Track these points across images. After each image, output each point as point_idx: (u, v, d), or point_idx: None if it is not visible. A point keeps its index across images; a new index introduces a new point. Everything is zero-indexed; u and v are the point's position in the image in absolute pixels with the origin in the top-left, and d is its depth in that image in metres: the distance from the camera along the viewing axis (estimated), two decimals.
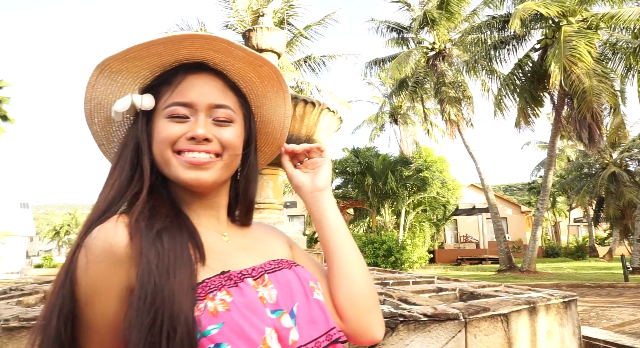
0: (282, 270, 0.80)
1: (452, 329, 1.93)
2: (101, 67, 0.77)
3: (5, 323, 1.80)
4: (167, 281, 0.64)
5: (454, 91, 18.19)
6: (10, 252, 33.08)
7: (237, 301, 0.68)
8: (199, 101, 0.78)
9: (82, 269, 0.65)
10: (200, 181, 0.77)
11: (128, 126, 0.85)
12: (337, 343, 0.76)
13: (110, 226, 0.67)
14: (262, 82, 0.88)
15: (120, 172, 0.76)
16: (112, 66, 0.77)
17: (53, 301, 0.65)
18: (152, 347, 0.60)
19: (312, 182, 0.92)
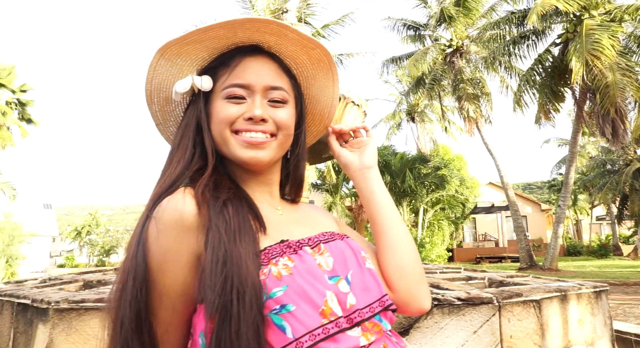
0: (335, 240, 0.84)
1: (486, 313, 1.95)
2: (162, 50, 0.81)
3: (56, 305, 1.89)
4: (235, 247, 0.68)
5: (472, 88, 18.02)
6: (35, 252, 33.84)
7: (298, 267, 0.72)
8: (255, 82, 0.81)
9: (154, 238, 0.69)
10: (258, 159, 0.81)
11: (184, 107, 0.90)
12: (388, 310, 0.79)
13: (179, 197, 0.71)
14: (312, 64, 0.92)
15: (185, 150, 0.80)
16: (173, 49, 0.81)
17: (127, 269, 0.69)
18: (224, 306, 0.63)
19: (360, 160, 0.96)
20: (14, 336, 2.15)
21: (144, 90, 0.87)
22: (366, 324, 0.75)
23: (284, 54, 0.89)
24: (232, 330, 0.62)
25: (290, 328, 0.66)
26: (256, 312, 0.65)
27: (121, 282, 0.69)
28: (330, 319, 0.69)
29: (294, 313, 0.67)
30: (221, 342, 0.62)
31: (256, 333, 0.64)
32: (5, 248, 19.53)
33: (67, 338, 1.87)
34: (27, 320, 2.08)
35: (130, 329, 0.67)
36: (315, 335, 0.67)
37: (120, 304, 0.68)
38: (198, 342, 0.70)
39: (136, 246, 0.70)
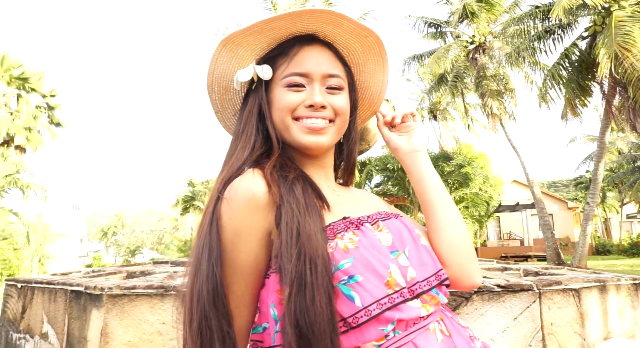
0: (390, 219, 0.89)
1: (527, 300, 1.96)
2: (225, 41, 0.86)
3: (109, 291, 1.98)
4: (306, 221, 0.73)
5: (495, 84, 17.76)
6: (64, 252, 34.74)
7: (362, 241, 0.77)
8: (314, 70, 0.86)
9: (228, 217, 0.74)
10: (319, 145, 0.86)
11: (242, 95, 0.96)
12: (443, 284, 0.84)
13: (249, 177, 0.76)
14: (363, 51, 0.96)
15: (248, 136, 0.86)
16: (235, 40, 0.86)
17: (201, 247, 0.74)
18: (300, 275, 0.68)
19: (409, 144, 0.99)
20: (68, 321, 2.27)
21: (206, 79, 0.91)
22: (425, 297, 0.79)
23: (338, 43, 0.93)
24: (307, 297, 0.67)
25: (359, 298, 0.71)
26: (327, 281, 0.69)
27: (196, 259, 0.74)
28: (395, 289, 0.74)
29: (362, 283, 0.71)
30: (297, 309, 0.67)
31: (329, 300, 0.68)
32: (38, 247, 20.14)
33: (121, 322, 1.96)
34: (80, 306, 2.19)
35: (207, 304, 0.71)
36: (382, 304, 0.72)
37: (196, 280, 0.73)
38: (269, 313, 0.75)
39: (209, 225, 0.74)
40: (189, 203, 27.93)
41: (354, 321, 0.70)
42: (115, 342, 1.93)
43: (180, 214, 28.96)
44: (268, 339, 0.76)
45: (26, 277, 2.99)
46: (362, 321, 0.70)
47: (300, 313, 0.67)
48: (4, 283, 3.16)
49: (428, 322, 0.78)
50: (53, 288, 2.48)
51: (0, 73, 21.77)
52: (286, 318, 0.68)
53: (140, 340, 1.94)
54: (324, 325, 0.67)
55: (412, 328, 0.75)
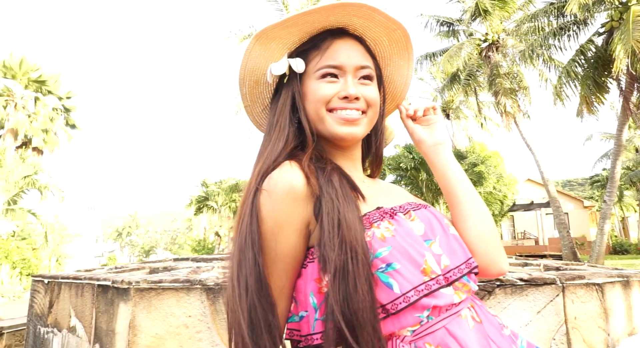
0: (420, 209, 0.91)
1: (550, 293, 1.96)
2: (259, 35, 0.88)
3: (137, 285, 2.03)
4: (346, 212, 0.75)
5: (509, 82, 17.60)
6: (80, 252, 35.27)
7: (398, 230, 0.79)
8: (347, 63, 0.88)
9: (268, 208, 0.76)
10: (353, 135, 0.88)
11: (271, 89, 0.98)
12: (472, 272, 0.85)
13: (287, 169, 0.78)
14: (390, 45, 0.98)
15: (282, 127, 0.87)
16: (269, 34, 0.88)
17: (245, 237, 0.75)
18: (343, 265, 0.70)
19: (432, 137, 1.01)
20: (96, 315, 2.32)
21: (238, 73, 0.92)
22: (457, 284, 0.81)
23: (367, 36, 0.95)
24: (350, 286, 0.69)
25: (397, 285, 0.72)
26: (368, 269, 0.71)
27: (239, 251, 0.75)
28: (431, 277, 0.75)
29: (400, 271, 0.73)
30: (341, 297, 0.69)
31: (370, 288, 0.70)
32: (55, 247, 20.47)
33: (148, 315, 2.01)
34: (107, 300, 2.24)
35: (255, 294, 0.73)
36: (419, 290, 0.73)
37: (241, 271, 0.74)
38: (308, 302, 0.76)
39: (249, 217, 0.76)
40: (203, 203, 28.14)
41: (393, 308, 0.72)
42: (143, 334, 1.98)
43: (194, 215, 29.19)
44: (306, 327, 0.78)
45: (52, 273, 3.06)
46: (401, 307, 0.72)
47: (343, 302, 0.68)
48: (31, 280, 3.24)
49: (460, 309, 0.79)
50: (80, 283, 2.53)
51: (19, 76, 22.16)
52: (330, 306, 0.70)
53: (167, 332, 1.98)
54: (367, 312, 0.69)
55: (445, 314, 0.77)
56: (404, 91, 1.07)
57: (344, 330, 0.68)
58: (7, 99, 22.30)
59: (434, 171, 1.01)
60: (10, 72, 22.08)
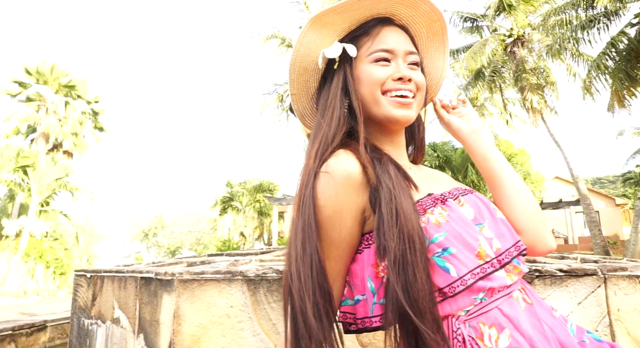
0: (467, 194, 0.92)
1: (591, 284, 1.94)
2: (314, 20, 0.90)
3: (180, 276, 2.10)
4: (402, 201, 0.77)
5: (535, 78, 17.26)
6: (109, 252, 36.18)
7: (451, 215, 0.81)
8: (397, 47, 0.91)
9: (326, 194, 0.78)
10: (407, 117, 0.90)
11: (316, 77, 1.00)
12: (522, 254, 0.87)
13: (344, 157, 0.80)
14: (428, 37, 1.02)
15: (335, 110, 0.89)
16: (323, 19, 0.90)
17: (305, 223, 0.77)
18: (402, 255, 0.73)
19: (469, 124, 1.04)
20: (140, 306, 2.40)
21: (291, 58, 0.95)
22: (508, 266, 0.83)
23: (410, 26, 0.98)
24: (409, 274, 0.71)
25: (454, 269, 0.75)
26: (425, 258, 0.74)
27: (301, 235, 0.77)
28: (485, 260, 0.78)
29: (456, 255, 0.75)
30: (402, 286, 0.71)
31: (428, 276, 0.73)
32: (86, 247, 21.06)
33: (191, 306, 2.07)
34: (151, 292, 2.32)
35: (313, 279, 0.75)
36: (475, 273, 0.76)
37: (305, 252, 0.76)
38: (365, 286, 0.79)
39: (310, 199, 0.78)
40: (227, 204, 28.49)
41: (450, 291, 0.74)
42: (187, 323, 2.04)
43: (219, 215, 29.56)
44: (362, 311, 0.81)
45: (94, 268, 3.17)
46: (458, 290, 0.74)
47: (404, 291, 0.71)
48: (74, 274, 3.37)
49: (511, 290, 0.81)
50: (123, 276, 2.63)
51: (50, 82, 22.89)
52: (392, 292, 0.72)
53: (210, 322, 2.04)
54: (426, 300, 0.71)
55: (498, 295, 0.79)
56: (438, 84, 1.10)
57: (410, 314, 0.70)
58: (40, 104, 23.06)
59: (474, 156, 1.03)
60: (42, 78, 22.83)
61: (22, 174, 18.03)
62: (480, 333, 0.75)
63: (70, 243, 21.15)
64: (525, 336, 0.76)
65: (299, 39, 0.93)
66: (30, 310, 9.90)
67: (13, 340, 3.84)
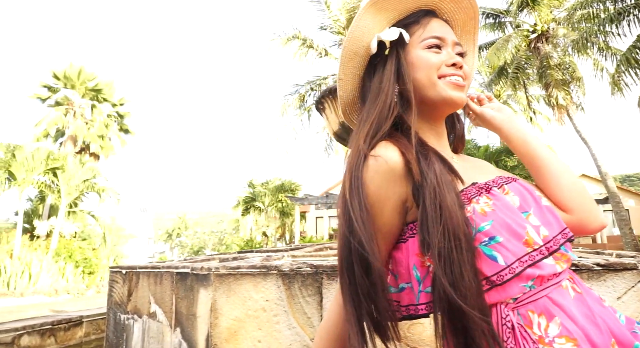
0: (512, 182, 0.93)
1: (631, 279, 1.91)
2: (371, 3, 0.92)
3: (216, 271, 2.15)
4: (446, 196, 0.77)
5: (560, 74, 16.89)
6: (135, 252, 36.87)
7: (497, 204, 0.81)
8: (447, 36, 0.94)
9: (369, 180, 0.80)
10: (462, 99, 0.92)
11: (362, 65, 1.00)
12: (569, 241, 0.87)
13: (391, 149, 0.82)
14: (462, 34, 1.05)
15: (387, 94, 0.90)
16: (379, 4, 0.92)
17: (357, 207, 0.78)
18: (447, 253, 0.73)
19: (502, 112, 1.05)
20: (176, 301, 2.47)
21: (345, 41, 0.95)
22: (556, 254, 0.83)
23: (449, 21, 1.01)
24: (456, 272, 0.72)
25: (502, 257, 0.75)
26: (471, 254, 0.74)
27: (352, 216, 0.78)
28: (533, 247, 0.78)
29: (503, 243, 0.76)
30: (448, 284, 0.72)
31: (474, 272, 0.74)
32: (112, 247, 21.53)
33: (228, 300, 2.12)
34: (187, 287, 2.38)
35: (370, 262, 0.76)
36: (523, 261, 0.76)
37: (356, 231, 0.78)
38: (411, 274, 0.81)
39: (359, 180, 0.80)
40: (250, 204, 28.75)
41: (499, 279, 0.75)
42: (224, 317, 2.09)
43: (242, 215, 29.84)
44: (407, 298, 0.83)
45: (129, 264, 3.26)
46: (507, 279, 0.75)
47: (451, 286, 0.72)
48: (109, 271, 3.47)
49: (561, 279, 0.81)
50: (158, 272, 2.70)
51: (77, 86, 23.49)
52: (438, 289, 0.73)
53: (246, 315, 2.08)
54: (474, 296, 0.72)
55: (547, 283, 0.78)
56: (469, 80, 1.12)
57: (458, 305, 0.71)
58: (68, 107, 23.68)
59: (512, 142, 1.04)
60: (70, 82, 23.44)
61: (52, 176, 18.56)
62: (529, 321, 0.76)
63: (97, 243, 21.66)
64: (577, 324, 0.75)
65: (354, 21, 0.94)
66: (61, 308, 10.18)
67: (53, 334, 3.99)
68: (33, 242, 17.09)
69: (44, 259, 15.38)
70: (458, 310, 0.71)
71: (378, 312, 0.79)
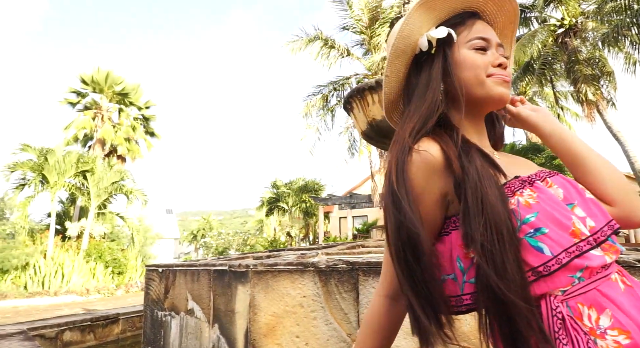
0: (554, 176, 0.93)
1: None
2: (421, 2, 0.94)
3: (254, 268, 2.19)
4: (488, 191, 0.78)
5: (590, 69, 16.46)
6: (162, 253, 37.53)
7: (541, 196, 0.81)
8: (492, 38, 0.95)
9: (413, 173, 0.82)
10: (509, 96, 0.94)
11: (407, 63, 1.02)
12: (614, 233, 0.86)
13: (432, 145, 0.83)
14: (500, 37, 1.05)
15: (434, 90, 0.92)
16: (428, 3, 0.94)
17: (404, 195, 0.80)
18: (490, 248, 0.74)
19: (538, 112, 1.06)
20: (214, 298, 2.52)
21: (394, 38, 0.97)
22: (604, 245, 0.82)
23: (493, 24, 1.03)
24: (499, 268, 0.73)
25: (548, 248, 0.75)
26: (514, 246, 0.75)
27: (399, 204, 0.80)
28: (581, 238, 0.77)
29: (549, 234, 0.76)
30: (491, 279, 0.73)
31: (518, 264, 0.74)
32: (141, 248, 21.97)
33: (266, 296, 2.15)
34: (224, 284, 2.43)
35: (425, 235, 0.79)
36: (571, 252, 0.76)
37: (403, 220, 0.80)
38: (454, 265, 0.82)
39: (404, 172, 0.81)
40: (274, 205, 28.94)
41: (545, 270, 0.75)
42: (262, 313, 2.13)
43: (266, 216, 30.07)
44: (451, 289, 0.83)
45: (165, 263, 3.34)
46: (554, 269, 0.75)
47: (495, 283, 0.72)
48: (145, 269, 3.55)
49: (610, 272, 0.80)
50: (195, 270, 2.76)
51: (105, 90, 24.09)
52: (483, 281, 0.74)
53: (284, 311, 2.12)
54: (518, 287, 0.72)
55: (596, 276, 0.78)
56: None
57: (504, 299, 0.72)
58: (96, 112, 24.32)
59: (550, 140, 1.04)
60: (98, 87, 24.05)
61: (82, 179, 19.08)
62: (579, 313, 0.75)
63: (126, 244, 22.13)
64: (629, 317, 0.75)
65: (405, 20, 0.96)
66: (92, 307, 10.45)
67: (92, 330, 4.13)
68: (65, 243, 17.60)
69: (75, 259, 15.84)
70: (503, 300, 0.72)
71: (432, 296, 0.81)
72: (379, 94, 4.17)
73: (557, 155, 1.05)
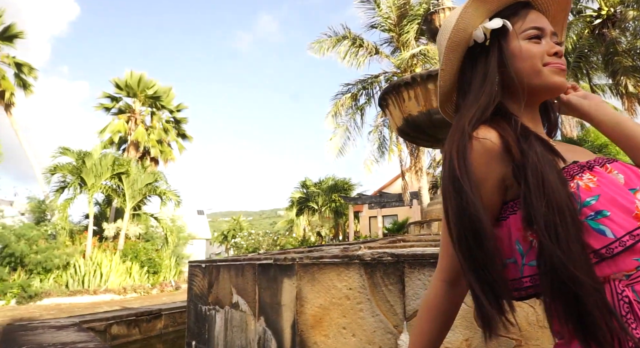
0: (613, 162, 0.91)
1: None
2: None
3: (300, 261, 2.21)
4: (549, 173, 0.78)
5: (630, 60, 15.85)
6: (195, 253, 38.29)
7: (601, 180, 0.80)
8: (546, 27, 0.95)
9: (474, 160, 0.82)
10: (566, 84, 0.94)
11: (460, 56, 1.03)
12: None
13: (490, 132, 0.84)
14: (551, 25, 1.03)
15: (492, 81, 0.92)
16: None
17: (461, 180, 0.81)
18: (553, 230, 0.73)
19: (589, 99, 1.04)
20: (259, 291, 2.56)
21: (451, 32, 0.98)
22: None
23: (543, 12, 1.02)
24: (562, 244, 0.72)
25: (610, 230, 0.74)
26: (576, 228, 0.74)
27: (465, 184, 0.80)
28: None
29: (611, 217, 0.75)
30: (556, 261, 0.72)
31: (582, 245, 0.73)
32: (174, 248, 22.46)
33: (312, 288, 2.18)
34: (269, 277, 2.46)
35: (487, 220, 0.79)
36: (635, 235, 0.74)
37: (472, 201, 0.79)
38: (514, 249, 0.82)
39: (464, 160, 0.82)
40: (304, 205, 29.09)
41: (608, 252, 0.74)
42: (309, 305, 2.15)
43: (296, 216, 30.25)
44: (511, 273, 0.84)
45: (209, 258, 3.41)
46: (617, 252, 0.74)
47: (560, 261, 0.71)
48: (188, 265, 3.64)
49: None
50: (240, 264, 2.81)
51: (138, 94, 24.76)
52: (546, 262, 0.73)
53: (331, 303, 2.13)
54: (583, 266, 0.71)
55: None
56: None
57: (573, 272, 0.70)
58: (129, 115, 25.02)
59: (604, 126, 1.02)
60: (132, 91, 24.74)
61: (117, 181, 19.66)
62: None
63: (160, 245, 22.66)
64: None
65: (461, 13, 0.97)
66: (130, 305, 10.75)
67: (137, 325, 4.28)
68: (102, 243, 18.17)
69: (112, 259, 16.33)
70: (570, 278, 0.71)
71: (494, 280, 0.81)
72: (415, 90, 4.14)
73: (612, 141, 1.03)
